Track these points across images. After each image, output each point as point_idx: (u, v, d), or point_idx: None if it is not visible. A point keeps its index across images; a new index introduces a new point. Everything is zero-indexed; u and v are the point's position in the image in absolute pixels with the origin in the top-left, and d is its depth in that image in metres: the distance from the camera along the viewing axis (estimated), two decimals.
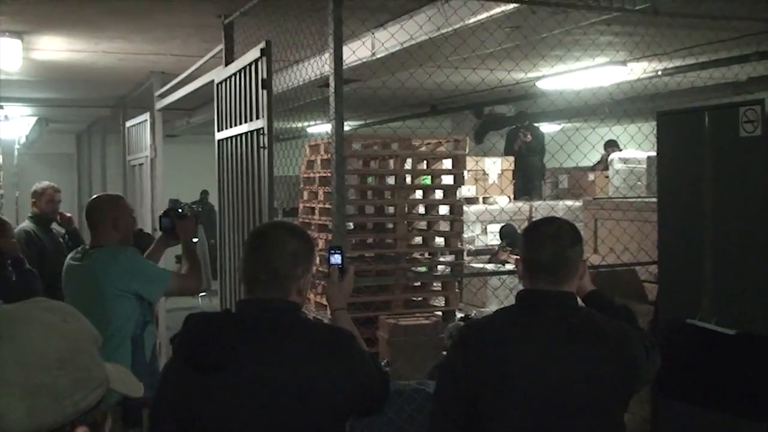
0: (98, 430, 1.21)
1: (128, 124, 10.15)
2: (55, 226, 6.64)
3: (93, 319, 1.32)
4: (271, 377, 2.16)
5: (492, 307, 6.31)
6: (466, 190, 8.74)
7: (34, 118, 12.88)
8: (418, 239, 7.19)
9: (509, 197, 9.57)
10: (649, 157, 8.58)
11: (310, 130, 11.88)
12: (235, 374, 2.15)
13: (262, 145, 4.55)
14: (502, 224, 8.71)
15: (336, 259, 2.78)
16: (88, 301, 3.64)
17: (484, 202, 9.49)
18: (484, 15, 4.87)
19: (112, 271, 3.71)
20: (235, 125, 5.12)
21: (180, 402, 2.21)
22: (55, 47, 7.63)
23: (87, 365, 1.20)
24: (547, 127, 12.34)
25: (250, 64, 4.77)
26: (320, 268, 4.99)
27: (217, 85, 5.60)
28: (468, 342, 2.56)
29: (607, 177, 9.72)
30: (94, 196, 4.15)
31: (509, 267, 7.13)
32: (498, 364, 2.44)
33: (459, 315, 6.75)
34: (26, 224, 6.38)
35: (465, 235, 7.71)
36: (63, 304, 1.29)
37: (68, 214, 6.74)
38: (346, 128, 4.62)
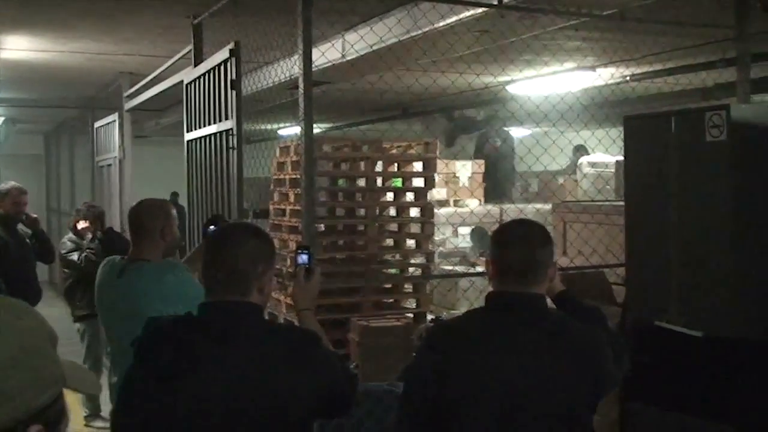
0: (54, 429, 1.19)
1: (97, 124, 10.07)
2: (21, 227, 6.57)
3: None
4: (234, 383, 2.13)
5: (462, 309, 6.33)
6: (437, 193, 8.76)
7: (1, 119, 12.72)
8: (389, 241, 7.19)
9: (479, 200, 9.60)
10: (617, 161, 8.66)
11: (280, 132, 11.85)
12: (196, 381, 2.12)
13: (231, 145, 4.53)
14: (472, 227, 8.75)
15: (303, 258, 2.76)
16: (124, 322, 3.20)
17: (454, 205, 9.52)
18: (453, 18, 4.89)
19: (157, 293, 3.21)
20: (205, 126, 5.09)
21: (142, 411, 2.18)
22: (23, 47, 7.55)
23: (41, 364, 1.18)
24: (516, 131, 12.41)
25: (219, 65, 4.76)
26: (290, 270, 4.98)
27: (186, 85, 5.58)
28: (435, 344, 2.55)
29: (576, 181, 9.80)
30: (140, 201, 3.70)
31: (479, 269, 7.16)
32: (464, 367, 2.43)
33: (430, 317, 6.77)
34: None
35: (436, 238, 7.73)
36: (18, 300, 1.26)
37: (34, 215, 6.68)
38: (316, 130, 4.62)
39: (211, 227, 3.67)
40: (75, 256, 6.73)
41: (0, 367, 1.12)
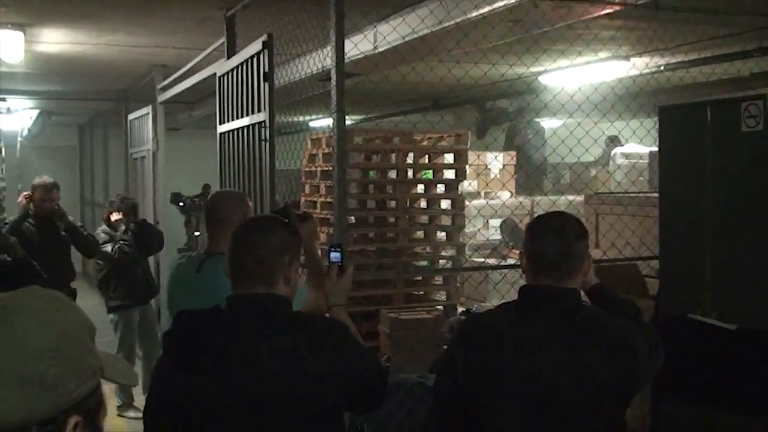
0: (92, 419, 1.20)
1: (130, 117, 10.16)
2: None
3: None
4: (262, 375, 2.14)
5: (493, 302, 6.31)
6: (468, 185, 8.74)
7: (37, 111, 12.87)
8: (420, 233, 7.19)
9: (511, 192, 9.57)
10: (651, 153, 8.58)
11: (312, 124, 11.87)
12: (225, 374, 2.13)
13: (263, 138, 4.55)
14: (503, 219, 8.71)
15: (336, 256, 2.77)
16: None
17: (485, 197, 9.49)
18: (487, 8, 4.86)
19: None
20: (237, 118, 5.12)
21: (172, 404, 2.20)
22: (58, 40, 7.63)
23: (80, 354, 1.19)
24: (549, 122, 12.33)
25: (251, 57, 4.77)
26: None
27: (219, 78, 5.61)
28: (468, 337, 2.54)
29: (609, 172, 9.72)
30: (218, 192, 3.55)
31: (510, 261, 7.14)
32: (496, 360, 2.42)
33: (460, 309, 6.76)
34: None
35: (466, 230, 7.71)
36: (57, 292, 1.27)
37: (59, 209, 6.57)
38: (348, 122, 4.62)
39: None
40: (108, 248, 6.80)
41: (41, 358, 1.13)
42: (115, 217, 6.92)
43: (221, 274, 2.65)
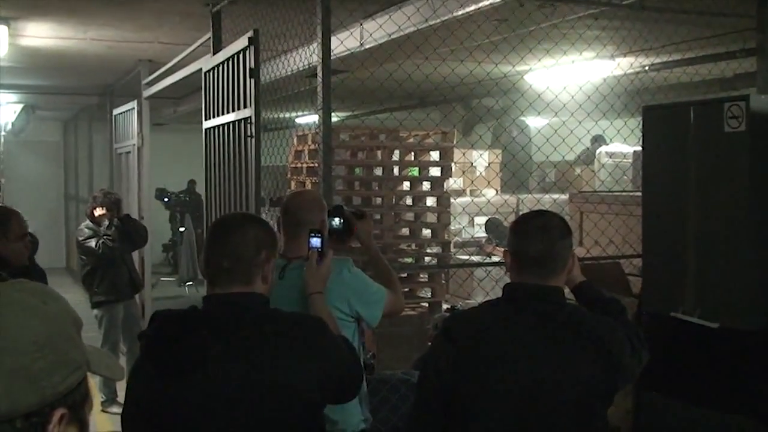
0: (78, 412, 1.21)
1: (115, 112, 10.13)
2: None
3: None
4: (241, 376, 2.13)
5: (478, 299, 6.34)
6: (453, 182, 8.76)
7: (21, 105, 12.80)
8: (405, 230, 7.21)
9: (496, 190, 9.59)
10: (635, 152, 8.62)
11: (298, 120, 11.87)
12: (203, 376, 2.12)
13: (249, 134, 4.55)
14: (488, 217, 8.74)
15: (315, 242, 2.77)
16: None
17: (471, 195, 9.51)
18: (473, 7, 4.88)
19: (333, 291, 2.86)
20: (223, 114, 5.11)
21: (149, 407, 2.18)
22: (43, 34, 7.59)
23: (66, 348, 1.20)
24: (534, 121, 12.37)
25: (238, 53, 4.77)
26: None
27: (205, 73, 5.60)
28: (451, 334, 2.54)
29: (593, 171, 9.77)
30: (296, 192, 3.35)
31: (495, 258, 7.16)
32: (479, 358, 2.43)
33: (445, 306, 6.78)
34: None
35: (452, 227, 7.73)
36: (43, 285, 1.28)
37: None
38: (334, 119, 4.63)
39: (335, 219, 3.23)
40: (92, 243, 6.78)
41: (27, 351, 1.14)
42: (98, 212, 6.90)
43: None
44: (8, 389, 1.11)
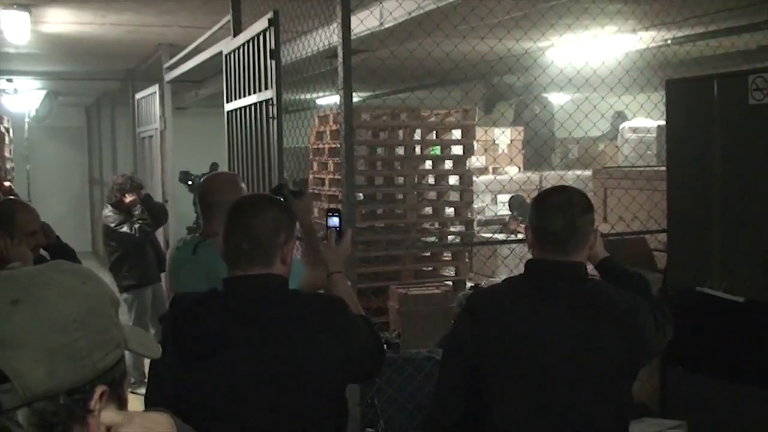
0: (117, 389, 1.24)
1: (137, 96, 10.18)
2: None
3: None
4: (263, 358, 2.14)
5: (502, 277, 6.33)
6: (476, 161, 8.74)
7: (44, 92, 12.89)
8: (428, 209, 7.21)
9: (519, 167, 9.57)
10: (658, 126, 8.56)
11: (319, 101, 11.87)
12: (225, 358, 2.13)
13: (271, 115, 4.55)
14: (512, 194, 8.72)
15: (334, 221, 2.75)
16: None
17: (493, 172, 9.49)
18: None
19: None
20: (244, 96, 5.12)
21: (173, 389, 2.19)
22: (63, 20, 7.62)
23: (105, 326, 1.23)
24: (556, 97, 12.28)
25: (258, 35, 4.77)
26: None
27: (226, 56, 5.60)
28: (474, 311, 2.53)
29: (617, 146, 9.71)
30: (211, 176, 3.55)
31: (519, 236, 7.15)
32: (503, 335, 2.42)
33: (469, 284, 6.79)
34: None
35: (475, 205, 7.73)
36: (82, 266, 1.31)
37: (129, 199, 6.88)
38: (355, 99, 4.63)
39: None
40: (126, 228, 6.80)
41: (69, 329, 1.17)
42: (129, 198, 6.94)
43: (217, 256, 2.62)
44: (51, 367, 1.14)
